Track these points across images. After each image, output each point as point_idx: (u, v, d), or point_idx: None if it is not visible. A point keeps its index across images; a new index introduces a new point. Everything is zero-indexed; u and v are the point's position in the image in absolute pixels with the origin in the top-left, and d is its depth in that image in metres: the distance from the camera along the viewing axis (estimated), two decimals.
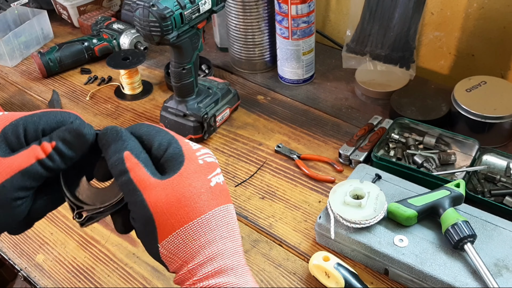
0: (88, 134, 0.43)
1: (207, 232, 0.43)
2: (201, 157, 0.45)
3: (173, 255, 0.43)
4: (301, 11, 1.06)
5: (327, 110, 1.11)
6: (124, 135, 0.43)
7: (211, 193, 0.44)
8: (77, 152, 0.43)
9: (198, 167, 0.44)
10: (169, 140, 0.44)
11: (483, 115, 0.94)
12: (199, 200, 0.43)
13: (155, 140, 0.44)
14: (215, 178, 0.45)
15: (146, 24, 0.87)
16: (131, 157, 0.42)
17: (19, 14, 1.41)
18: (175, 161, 0.43)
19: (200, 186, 0.43)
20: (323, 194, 0.91)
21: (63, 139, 0.42)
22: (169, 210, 0.41)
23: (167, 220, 0.42)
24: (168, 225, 0.42)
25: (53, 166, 0.42)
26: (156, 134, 0.44)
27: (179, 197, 0.42)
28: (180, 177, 0.42)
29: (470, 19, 1.10)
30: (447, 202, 0.76)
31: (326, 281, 0.74)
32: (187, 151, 0.44)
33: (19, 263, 0.84)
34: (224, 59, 1.30)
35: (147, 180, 0.41)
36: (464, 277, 0.70)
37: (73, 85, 1.25)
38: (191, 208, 0.42)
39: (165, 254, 0.43)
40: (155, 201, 0.41)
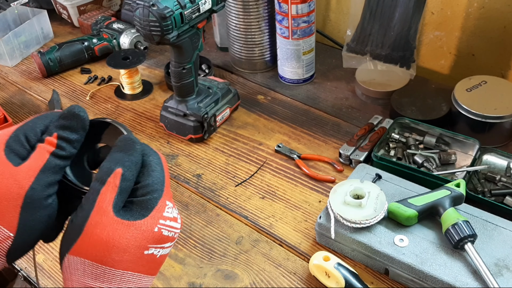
0: (81, 111, 0.44)
1: (104, 281, 0.42)
2: (162, 226, 0.44)
3: (69, 274, 0.42)
4: (301, 10, 1.06)
5: (328, 109, 1.11)
6: (135, 154, 0.43)
7: (138, 257, 0.43)
8: (80, 132, 0.44)
9: (148, 231, 0.43)
10: (156, 189, 0.43)
11: (484, 114, 0.93)
12: (122, 255, 0.42)
13: (148, 177, 0.43)
14: (155, 249, 0.44)
15: (146, 24, 0.87)
16: (117, 177, 0.42)
17: (19, 13, 1.41)
18: (140, 210, 0.43)
19: (134, 247, 0.42)
20: (323, 194, 0.91)
21: (61, 126, 0.43)
22: (97, 240, 0.41)
23: (89, 245, 0.41)
24: (86, 249, 0.41)
25: (65, 153, 0.43)
26: (152, 173, 0.44)
27: (112, 239, 0.41)
28: (127, 227, 0.42)
29: (471, 19, 1.10)
30: (447, 202, 0.76)
31: (327, 281, 0.74)
32: (156, 212, 0.43)
33: (19, 263, 0.84)
34: (224, 59, 1.30)
35: (106, 206, 0.41)
36: (465, 277, 0.70)
37: (73, 85, 1.25)
38: (111, 254, 0.41)
39: (65, 267, 0.42)
40: (95, 224, 0.41)
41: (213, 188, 0.94)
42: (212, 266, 0.81)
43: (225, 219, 0.89)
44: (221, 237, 0.85)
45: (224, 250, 0.83)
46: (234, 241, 0.84)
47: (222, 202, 0.92)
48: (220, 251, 0.83)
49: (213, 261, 0.81)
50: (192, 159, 1.01)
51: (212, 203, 0.92)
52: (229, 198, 0.92)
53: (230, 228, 0.87)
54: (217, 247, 0.84)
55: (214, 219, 0.89)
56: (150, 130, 1.09)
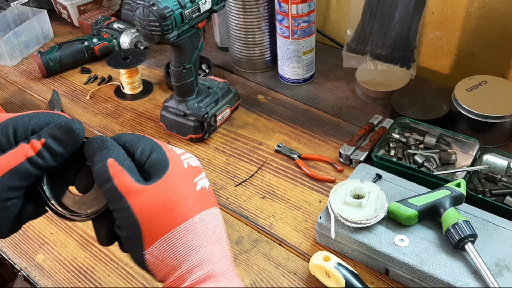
0: (78, 129, 0.42)
1: (194, 237, 0.42)
2: (186, 160, 0.44)
3: (160, 261, 0.42)
4: (301, 10, 1.06)
5: (328, 109, 1.11)
6: (109, 143, 0.42)
7: (197, 197, 0.43)
8: (67, 148, 0.42)
9: (183, 171, 0.43)
10: (152, 146, 0.43)
11: (484, 114, 0.93)
12: (185, 204, 0.42)
13: (138, 146, 0.43)
14: (200, 182, 0.44)
15: (146, 24, 0.87)
16: (115, 164, 0.41)
17: (19, 13, 1.41)
18: (160, 166, 0.42)
19: (186, 190, 0.42)
20: (324, 194, 0.91)
21: (52, 135, 0.41)
22: (156, 216, 0.41)
23: (154, 226, 0.41)
24: (154, 231, 0.41)
25: (43, 163, 0.41)
26: (139, 140, 0.44)
27: (165, 202, 0.41)
28: (165, 181, 0.42)
29: (471, 19, 1.10)
30: (447, 201, 0.75)
31: (327, 281, 0.74)
32: (172, 156, 0.44)
33: (19, 263, 0.84)
34: (225, 59, 1.30)
35: (132, 187, 0.41)
36: (465, 277, 0.70)
37: (73, 85, 1.25)
38: (177, 212, 0.41)
39: (151, 262, 0.42)
40: (141, 207, 0.40)
41: (213, 188, 0.94)
42: None
43: (225, 219, 0.88)
44: (226, 231, 0.85)
45: None
46: (234, 241, 0.84)
47: (222, 202, 0.92)
48: None
49: None
50: None
51: None
52: (229, 198, 0.92)
53: (230, 228, 0.87)
54: None
55: None
56: (150, 130, 1.09)
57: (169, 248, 0.42)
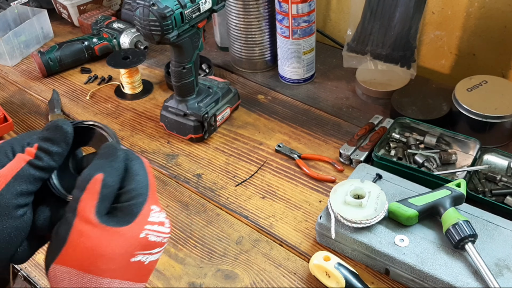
0: (64, 124, 0.43)
1: None
2: (149, 231, 0.43)
3: (55, 284, 0.42)
4: (301, 10, 1.06)
5: (328, 109, 1.11)
6: (117, 160, 0.42)
7: (125, 265, 0.42)
8: (61, 145, 0.43)
9: (133, 238, 0.42)
10: (140, 193, 0.43)
11: (484, 114, 0.93)
12: (108, 262, 0.41)
13: (131, 183, 0.43)
14: (143, 256, 0.43)
15: (146, 23, 0.87)
16: (97, 183, 0.41)
17: (19, 13, 1.41)
18: (125, 216, 0.42)
19: (121, 253, 0.41)
20: (324, 194, 0.91)
21: (42, 138, 0.43)
22: (82, 249, 0.40)
23: (74, 255, 0.41)
24: (71, 259, 0.41)
25: (42, 164, 0.42)
26: (135, 177, 0.43)
27: (97, 247, 0.40)
28: (111, 234, 0.41)
29: (471, 18, 1.09)
30: (448, 201, 0.75)
31: (327, 281, 0.74)
32: (141, 217, 0.42)
33: None
34: (225, 59, 1.30)
35: (88, 214, 0.40)
36: (465, 277, 0.70)
37: (73, 85, 1.25)
38: (96, 264, 0.41)
39: (51, 276, 0.42)
40: (78, 233, 0.40)
41: (213, 188, 0.94)
42: (212, 266, 0.81)
43: (225, 219, 0.88)
44: (221, 237, 0.85)
45: (224, 250, 0.83)
46: (234, 241, 0.84)
47: (222, 202, 0.91)
48: (220, 251, 0.83)
49: (213, 261, 0.81)
50: (192, 159, 1.01)
51: (212, 203, 0.92)
52: (229, 198, 0.92)
53: (230, 228, 0.87)
54: (217, 247, 0.84)
55: (214, 219, 0.88)
56: (150, 129, 1.09)
57: (68, 280, 0.41)
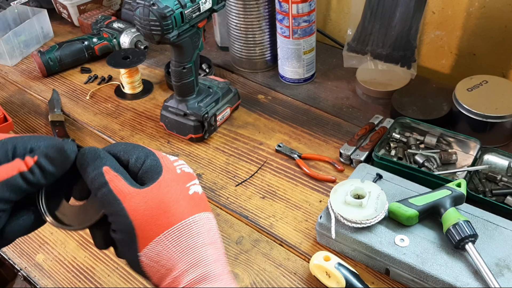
0: (69, 150, 0.43)
1: (188, 237, 0.43)
2: (179, 166, 0.46)
3: (155, 263, 0.42)
4: (302, 10, 1.06)
5: (328, 109, 1.11)
6: (102, 154, 0.44)
7: (190, 200, 0.44)
8: (58, 168, 0.43)
9: (175, 176, 0.44)
10: (146, 153, 0.45)
11: (485, 114, 0.93)
12: (178, 206, 0.43)
13: (132, 154, 0.45)
14: (193, 187, 0.45)
15: (146, 23, 0.87)
16: (110, 170, 0.43)
17: (19, 13, 1.41)
18: (153, 172, 0.44)
19: (179, 193, 0.44)
20: (324, 194, 0.91)
21: (45, 154, 0.43)
22: (149, 217, 0.42)
23: (147, 227, 0.42)
24: (148, 233, 0.42)
25: (33, 180, 0.42)
26: (133, 149, 0.45)
27: (158, 204, 0.42)
28: (158, 185, 0.43)
29: (472, 18, 1.09)
30: (448, 201, 0.75)
31: (327, 281, 0.74)
32: (165, 162, 0.45)
33: (19, 263, 0.84)
34: (225, 58, 1.30)
35: (126, 190, 0.42)
36: (466, 277, 0.70)
37: (73, 84, 1.25)
38: (170, 213, 0.42)
39: (146, 264, 0.42)
40: (135, 209, 0.41)
41: (214, 188, 0.94)
42: None
43: (226, 219, 0.88)
44: (221, 237, 0.85)
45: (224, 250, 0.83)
46: (235, 241, 0.84)
47: (222, 202, 0.91)
48: None
49: None
50: (192, 158, 1.01)
51: (212, 202, 0.92)
52: (229, 198, 0.92)
53: (230, 228, 0.87)
54: None
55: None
56: (150, 129, 1.09)
57: (163, 249, 0.42)
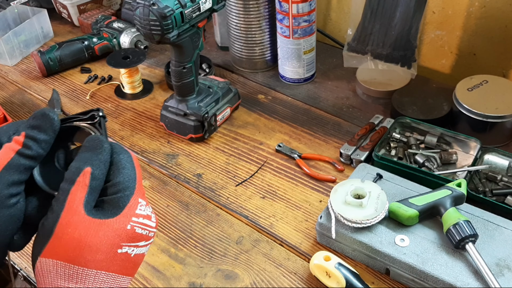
0: (52, 113, 0.43)
1: (80, 283, 0.41)
2: (135, 224, 0.43)
3: (42, 277, 0.42)
4: (302, 9, 1.06)
5: (328, 109, 1.10)
6: (103, 153, 0.43)
7: (112, 256, 0.42)
8: (49, 133, 0.43)
9: (120, 229, 0.42)
10: (127, 186, 0.43)
11: (485, 114, 0.93)
12: (95, 253, 0.41)
13: (118, 175, 0.43)
14: (129, 248, 0.43)
15: (146, 23, 0.87)
16: (87, 176, 0.41)
17: (19, 12, 1.40)
18: (112, 208, 0.42)
19: (107, 244, 0.42)
20: (324, 194, 0.91)
21: (30, 126, 0.43)
22: (69, 240, 0.41)
23: (61, 247, 0.41)
24: (58, 251, 0.41)
25: (31, 153, 0.42)
26: (122, 171, 0.43)
27: (84, 238, 0.41)
28: (98, 225, 0.41)
29: (472, 18, 1.09)
30: (448, 201, 0.75)
31: (327, 281, 0.74)
32: (128, 210, 0.43)
33: (19, 263, 0.84)
34: (225, 58, 1.29)
35: (77, 206, 0.41)
36: (466, 277, 0.70)
37: (73, 84, 1.25)
38: (82, 256, 0.41)
39: (38, 270, 0.42)
40: (65, 225, 0.41)
41: (214, 188, 0.94)
42: (213, 266, 0.80)
43: (226, 219, 0.88)
44: (221, 237, 0.85)
45: (224, 250, 0.83)
46: (235, 241, 0.84)
47: (222, 202, 0.91)
48: (220, 251, 0.83)
49: (214, 261, 0.81)
50: (192, 158, 1.01)
51: (212, 202, 0.91)
52: (229, 198, 0.92)
53: (230, 228, 0.87)
54: (217, 247, 0.83)
55: (214, 219, 0.88)
56: (151, 129, 1.09)
57: (55, 273, 0.41)
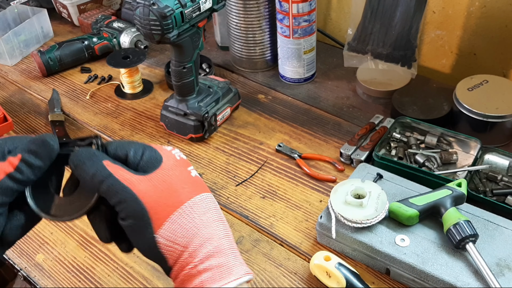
0: (52, 140, 0.43)
1: (200, 214, 0.45)
2: (176, 154, 0.48)
3: (172, 242, 0.43)
4: (302, 9, 1.06)
5: (328, 109, 1.10)
6: (96, 152, 0.45)
7: (193, 182, 0.46)
8: (44, 160, 0.43)
9: (176, 161, 0.46)
10: (143, 146, 0.46)
11: (485, 114, 0.93)
12: (185, 186, 0.45)
13: (130, 148, 0.46)
14: (193, 170, 0.48)
15: (146, 23, 0.87)
16: (111, 163, 0.44)
17: (19, 12, 1.40)
18: (154, 161, 0.45)
19: (183, 176, 0.46)
20: (324, 194, 0.91)
21: (28, 150, 0.43)
22: (160, 198, 0.43)
23: (159, 207, 0.43)
24: (161, 213, 0.43)
25: (22, 178, 0.42)
26: (129, 144, 0.47)
27: (166, 186, 0.44)
28: (162, 170, 0.45)
29: (472, 18, 1.09)
30: (448, 201, 0.75)
31: (327, 281, 0.74)
32: (163, 150, 0.47)
33: (19, 263, 0.84)
34: (225, 58, 1.29)
35: (132, 177, 0.43)
36: (466, 277, 0.70)
37: (73, 84, 1.25)
38: (180, 193, 0.44)
39: (163, 244, 0.43)
40: (145, 193, 0.43)
41: (214, 188, 0.94)
42: None
43: (226, 218, 0.88)
44: None
45: None
46: (235, 241, 0.84)
47: (222, 202, 0.91)
48: None
49: None
50: (192, 158, 1.01)
51: None
52: (229, 198, 0.92)
53: (231, 227, 0.86)
54: None
55: None
56: (151, 129, 1.09)
57: (179, 226, 0.44)
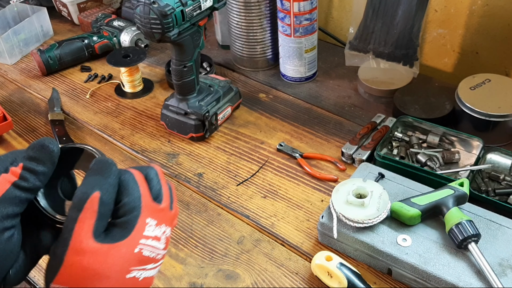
0: (51, 144, 0.42)
1: None
2: (143, 246, 0.43)
3: None
4: (303, 8, 1.05)
5: (330, 108, 1.10)
6: (112, 176, 0.42)
7: (121, 282, 0.42)
8: (47, 165, 0.42)
9: (128, 253, 0.42)
10: (134, 206, 0.42)
11: (487, 113, 0.93)
12: (104, 280, 0.41)
13: (124, 196, 0.42)
14: (137, 272, 0.43)
15: (146, 22, 0.86)
16: (95, 202, 0.41)
17: (19, 11, 1.40)
18: (121, 231, 0.42)
19: (116, 270, 0.41)
20: (326, 193, 0.91)
21: (28, 157, 0.42)
22: (78, 269, 0.40)
23: (71, 275, 0.41)
24: (68, 279, 0.41)
25: (28, 185, 0.41)
26: (127, 191, 0.43)
27: (92, 266, 0.40)
28: (107, 252, 0.41)
29: (474, 16, 1.09)
30: (451, 201, 0.75)
31: (329, 281, 0.73)
32: (135, 232, 0.42)
33: None
34: (226, 57, 1.29)
35: (85, 234, 0.40)
36: (468, 277, 0.69)
37: (73, 83, 1.24)
38: (92, 283, 0.41)
39: None
40: (74, 253, 0.40)
41: (215, 187, 0.94)
42: (214, 266, 0.80)
43: (227, 218, 0.88)
44: (222, 236, 0.85)
45: (225, 250, 0.82)
46: (236, 241, 0.84)
47: (223, 202, 0.91)
48: (221, 251, 0.82)
49: (215, 261, 0.81)
50: (193, 158, 1.00)
51: (213, 202, 0.91)
52: (230, 198, 0.92)
53: (231, 227, 0.86)
54: (218, 246, 0.83)
55: (215, 218, 0.88)
56: (151, 128, 1.08)
57: None
